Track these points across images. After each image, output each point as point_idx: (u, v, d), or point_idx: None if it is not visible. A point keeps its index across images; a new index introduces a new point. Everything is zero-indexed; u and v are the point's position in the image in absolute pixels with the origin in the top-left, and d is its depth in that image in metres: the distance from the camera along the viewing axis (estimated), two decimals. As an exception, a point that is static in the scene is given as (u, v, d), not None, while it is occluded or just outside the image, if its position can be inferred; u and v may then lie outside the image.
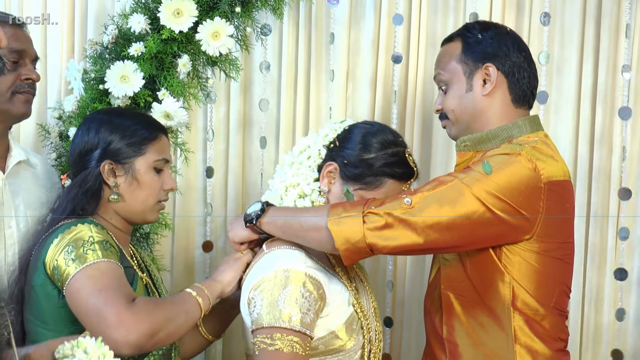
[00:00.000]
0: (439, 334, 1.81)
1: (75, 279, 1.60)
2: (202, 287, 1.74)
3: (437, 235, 1.61)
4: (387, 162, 1.73)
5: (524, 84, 1.82)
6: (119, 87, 2.17)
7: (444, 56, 1.88)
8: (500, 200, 1.62)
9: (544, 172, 1.66)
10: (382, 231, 1.59)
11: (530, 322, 1.71)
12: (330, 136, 1.79)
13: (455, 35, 1.89)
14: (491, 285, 1.71)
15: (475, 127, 1.82)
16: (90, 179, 1.76)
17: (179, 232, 2.76)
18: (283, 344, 1.54)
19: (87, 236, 1.65)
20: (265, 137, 2.63)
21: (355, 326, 1.69)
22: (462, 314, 1.76)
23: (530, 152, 1.68)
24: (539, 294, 1.71)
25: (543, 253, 1.69)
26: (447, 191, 1.63)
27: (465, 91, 1.81)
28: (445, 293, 1.79)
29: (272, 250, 1.69)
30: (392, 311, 2.66)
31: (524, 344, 1.71)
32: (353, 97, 2.69)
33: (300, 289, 1.58)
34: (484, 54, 1.81)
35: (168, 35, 2.19)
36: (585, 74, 2.54)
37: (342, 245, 1.60)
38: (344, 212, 1.61)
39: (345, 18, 2.64)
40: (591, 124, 2.55)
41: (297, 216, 1.69)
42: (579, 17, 2.55)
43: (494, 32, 1.84)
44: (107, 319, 1.54)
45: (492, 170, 1.64)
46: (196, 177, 2.76)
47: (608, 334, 2.55)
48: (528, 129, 1.78)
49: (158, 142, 1.84)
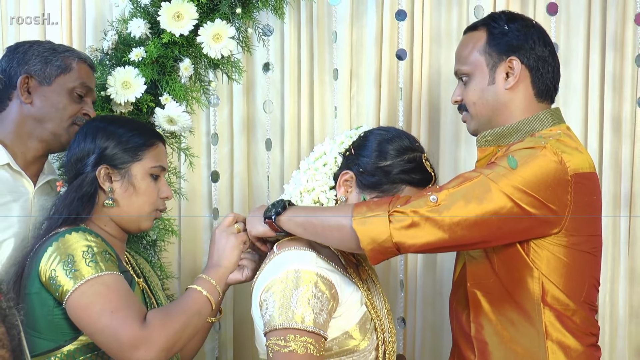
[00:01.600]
0: (466, 333, 1.79)
1: (80, 292, 1.61)
2: (210, 280, 1.76)
3: (464, 232, 1.60)
4: (403, 169, 1.72)
5: (547, 78, 1.81)
6: (121, 93, 2.18)
7: (466, 46, 1.85)
8: (527, 194, 1.61)
9: (570, 164, 1.66)
10: (409, 230, 1.59)
11: (561, 317, 1.70)
12: (346, 144, 1.79)
13: (480, 25, 1.86)
14: (520, 281, 1.70)
15: (497, 121, 1.80)
16: (85, 184, 1.78)
17: (185, 238, 2.76)
18: (297, 345, 1.53)
19: (86, 246, 1.66)
20: (270, 139, 2.62)
21: (368, 326, 1.69)
22: (491, 311, 1.75)
23: (555, 144, 1.67)
24: (568, 288, 1.70)
25: (571, 247, 1.68)
26: (473, 187, 1.62)
27: (487, 84, 1.80)
28: (472, 291, 1.78)
29: (282, 252, 1.68)
30: (405, 311, 2.66)
31: (555, 340, 1.69)
32: (358, 95, 2.69)
33: (312, 289, 1.58)
34: (509, 46, 1.79)
35: (169, 39, 2.20)
36: (592, 64, 2.55)
37: (368, 245, 1.59)
38: (369, 211, 1.61)
39: (347, 16, 2.64)
40: (600, 115, 2.55)
41: (318, 215, 1.68)
42: (584, 6, 2.56)
43: (520, 24, 1.82)
44: (124, 341, 1.58)
45: (518, 164, 1.63)
46: (201, 181, 2.77)
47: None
48: (550, 122, 1.78)
49: (155, 148, 1.85)
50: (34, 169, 1.98)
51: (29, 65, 1.92)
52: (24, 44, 1.99)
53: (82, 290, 1.62)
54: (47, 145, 1.96)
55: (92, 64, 2.04)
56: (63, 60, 1.95)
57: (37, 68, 1.92)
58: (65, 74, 1.94)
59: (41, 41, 2.03)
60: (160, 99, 2.24)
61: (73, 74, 1.95)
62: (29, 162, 1.95)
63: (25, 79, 1.91)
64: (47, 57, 1.93)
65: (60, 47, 2.00)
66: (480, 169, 1.71)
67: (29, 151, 1.95)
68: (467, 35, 1.88)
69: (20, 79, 1.91)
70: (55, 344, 1.68)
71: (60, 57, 1.95)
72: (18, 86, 1.91)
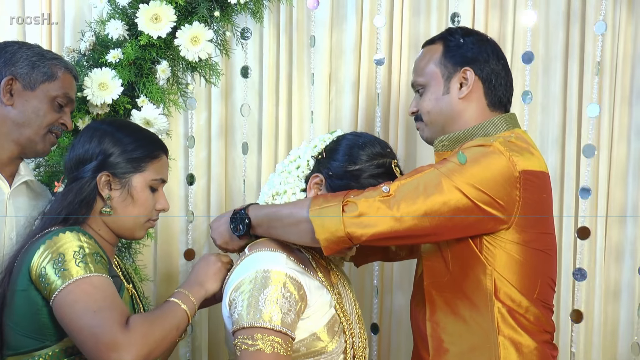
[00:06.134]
0: (423, 333, 1.89)
1: (67, 291, 1.64)
2: (188, 294, 1.80)
3: (415, 222, 1.69)
4: (372, 173, 1.80)
5: (500, 91, 1.91)
6: (97, 94, 2.24)
7: (423, 59, 1.97)
8: (477, 189, 1.70)
9: (518, 161, 1.75)
10: (360, 219, 1.67)
11: (512, 314, 1.79)
12: (319, 147, 1.86)
13: (437, 39, 1.98)
14: (472, 278, 1.80)
15: (451, 129, 1.90)
16: (86, 189, 1.81)
17: (161, 241, 2.82)
18: (264, 344, 1.59)
19: (78, 246, 1.69)
20: (247, 142, 2.68)
21: (337, 328, 1.75)
22: (445, 308, 1.84)
23: (504, 143, 1.77)
24: (521, 285, 1.79)
25: (524, 244, 1.78)
26: (424, 179, 1.72)
27: (442, 93, 1.91)
28: (429, 290, 1.87)
29: (253, 253, 1.75)
30: (380, 318, 2.72)
31: (507, 336, 1.78)
32: (336, 100, 2.76)
33: (281, 289, 1.64)
34: (464, 58, 1.90)
35: (146, 41, 2.26)
36: (570, 72, 2.62)
37: (321, 234, 1.68)
38: (325, 202, 1.70)
39: (326, 21, 2.71)
40: (578, 123, 2.63)
41: (277, 209, 1.77)
42: (563, 16, 2.64)
43: (475, 38, 1.93)
44: (103, 341, 1.59)
45: (467, 160, 1.73)
46: (178, 184, 2.83)
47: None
48: (504, 127, 1.88)
49: (158, 161, 1.90)
50: (9, 170, 2.01)
51: (16, 68, 1.95)
52: (13, 45, 2.01)
53: (69, 289, 1.63)
54: (22, 149, 2.00)
55: (76, 75, 2.08)
56: (50, 68, 1.98)
57: (24, 72, 1.95)
58: (50, 81, 1.98)
59: (31, 44, 2.06)
60: (137, 101, 2.29)
61: (57, 83, 1.99)
62: (4, 163, 1.98)
63: (9, 80, 1.94)
64: (34, 62, 1.97)
65: (49, 54, 2.03)
66: (433, 164, 1.81)
67: (3, 152, 1.97)
68: (425, 49, 2.00)
69: (4, 79, 1.94)
70: (40, 344, 1.70)
71: (47, 64, 1.98)
72: (1, 86, 1.94)
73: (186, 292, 1.81)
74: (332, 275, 1.88)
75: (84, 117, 2.29)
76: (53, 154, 2.28)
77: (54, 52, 2.12)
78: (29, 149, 2.01)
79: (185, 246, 2.75)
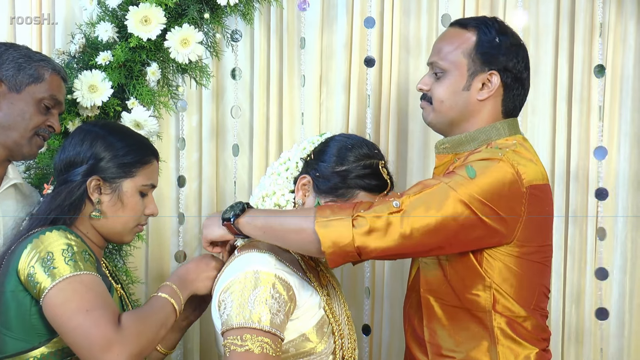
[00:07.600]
0: (420, 337, 1.90)
1: (57, 289, 1.65)
2: (177, 291, 1.81)
3: (423, 238, 1.69)
4: (359, 174, 1.82)
5: (517, 100, 1.89)
6: (87, 97, 2.25)
7: (451, 42, 1.88)
8: (483, 204, 1.70)
9: (526, 176, 1.75)
10: (371, 234, 1.67)
11: (511, 324, 1.80)
12: (308, 149, 1.89)
13: (470, 25, 1.88)
14: (472, 290, 1.80)
15: (458, 125, 1.89)
16: (76, 193, 1.82)
17: (152, 243, 2.83)
18: (253, 345, 1.61)
19: (65, 244, 1.70)
20: (238, 144, 2.71)
21: (326, 329, 1.78)
22: (443, 316, 1.85)
23: (512, 156, 1.76)
24: (519, 297, 1.80)
25: (523, 257, 1.79)
26: (433, 194, 1.72)
27: (462, 88, 1.86)
28: (425, 296, 1.88)
29: (243, 254, 1.78)
30: (371, 319, 2.74)
31: (506, 346, 1.80)
32: (327, 101, 2.78)
33: (270, 290, 1.66)
34: (494, 59, 1.84)
35: (136, 43, 2.28)
36: (560, 73, 2.64)
37: (329, 248, 1.67)
38: (332, 214, 1.69)
39: (317, 22, 2.73)
40: (568, 124, 2.65)
41: (279, 217, 1.77)
42: (553, 15, 2.66)
43: (510, 40, 1.86)
44: (96, 341, 1.60)
45: (476, 174, 1.72)
46: (169, 187, 2.84)
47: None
48: (506, 132, 1.87)
49: (149, 166, 1.91)
50: None
51: (1, 70, 1.95)
52: (0, 46, 2.01)
53: (59, 288, 1.64)
54: (9, 152, 2.00)
55: (65, 76, 2.08)
56: (36, 70, 1.98)
57: (9, 74, 1.95)
58: (37, 83, 1.97)
59: (19, 45, 2.06)
60: (127, 103, 2.31)
61: (44, 84, 1.99)
62: None
63: None
64: (20, 64, 1.96)
65: (36, 56, 2.03)
66: (440, 177, 1.80)
67: None
68: (454, 31, 1.90)
69: None
70: (30, 345, 1.71)
71: (34, 65, 1.98)
72: None
73: (175, 288, 1.82)
74: (321, 277, 1.90)
75: (74, 120, 2.30)
76: (43, 156, 2.30)
77: (43, 53, 2.13)
78: (15, 152, 2.01)
79: (177, 248, 2.77)
